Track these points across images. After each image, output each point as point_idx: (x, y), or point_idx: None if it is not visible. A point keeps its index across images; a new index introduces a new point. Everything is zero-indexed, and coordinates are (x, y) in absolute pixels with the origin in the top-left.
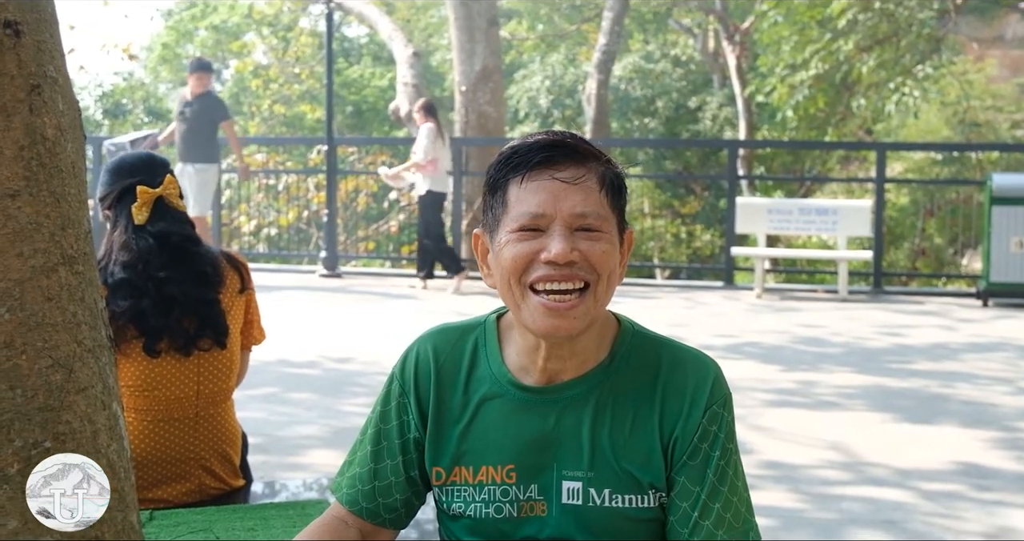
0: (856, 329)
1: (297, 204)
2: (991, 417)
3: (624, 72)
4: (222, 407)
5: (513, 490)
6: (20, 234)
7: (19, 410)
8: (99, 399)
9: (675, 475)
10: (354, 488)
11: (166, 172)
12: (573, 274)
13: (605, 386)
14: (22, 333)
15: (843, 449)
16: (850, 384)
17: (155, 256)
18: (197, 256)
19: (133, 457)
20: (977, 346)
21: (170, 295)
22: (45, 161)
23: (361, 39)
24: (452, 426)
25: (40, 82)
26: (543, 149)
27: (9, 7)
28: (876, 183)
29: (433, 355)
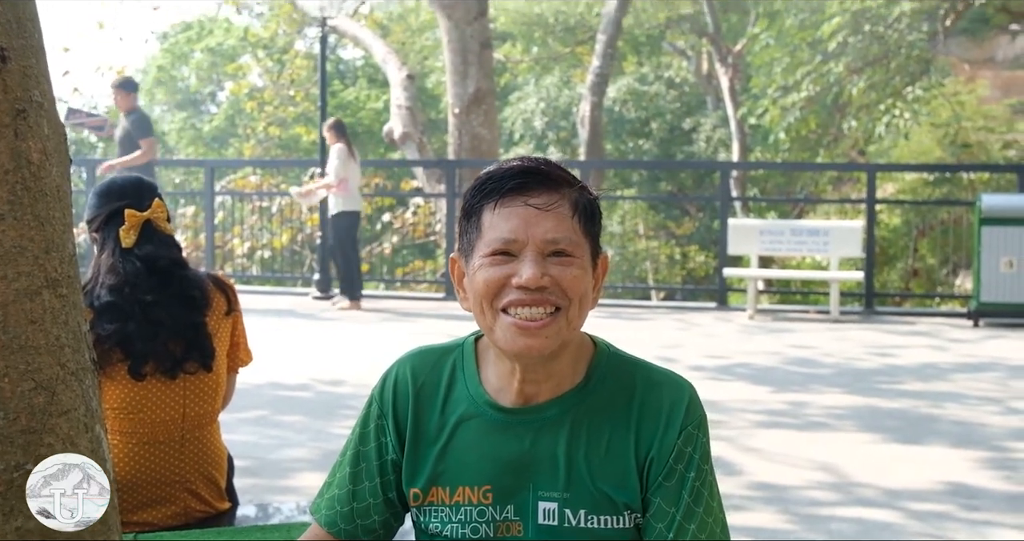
0: (847, 350)
1: (291, 226)
2: (980, 437)
3: (618, 94)
4: (208, 430)
5: (489, 511)
6: (4, 257)
7: (1, 433)
8: (82, 422)
9: (650, 496)
10: (333, 510)
11: (154, 196)
12: (544, 299)
13: (581, 407)
14: (5, 356)
15: (832, 470)
16: (840, 405)
17: (142, 280)
18: (184, 280)
19: (117, 480)
20: (967, 366)
21: (157, 318)
22: (30, 185)
23: (356, 62)
24: (429, 447)
25: (25, 107)
26: (516, 176)
27: None
28: (867, 204)
29: (412, 377)
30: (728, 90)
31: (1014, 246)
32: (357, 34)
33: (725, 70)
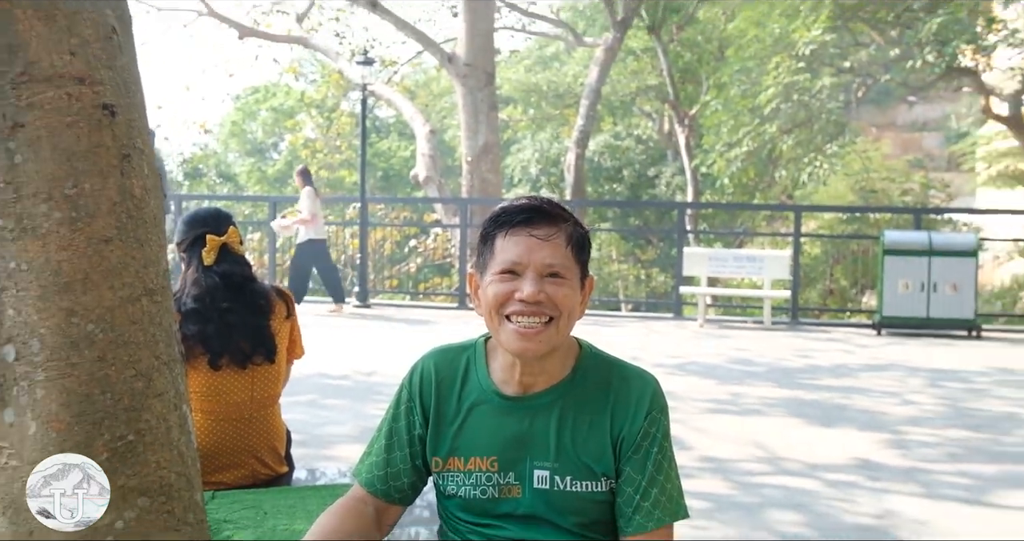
0: (777, 352)
1: (336, 249)
2: (881, 423)
3: (597, 147)
4: (270, 409)
5: (495, 477)
6: (111, 271)
7: (108, 410)
8: (172, 402)
9: (622, 466)
10: (371, 473)
11: (229, 223)
12: (540, 310)
13: (568, 396)
14: (111, 349)
15: (764, 447)
16: (771, 396)
17: (219, 291)
18: (253, 291)
19: (199, 449)
20: (871, 366)
21: (231, 322)
22: (132, 214)
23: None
24: (448, 425)
25: (130, 152)
26: (524, 211)
27: (107, 93)
28: (794, 237)
29: (435, 370)
30: (684, 145)
31: (910, 272)
32: (390, 97)
33: (682, 129)
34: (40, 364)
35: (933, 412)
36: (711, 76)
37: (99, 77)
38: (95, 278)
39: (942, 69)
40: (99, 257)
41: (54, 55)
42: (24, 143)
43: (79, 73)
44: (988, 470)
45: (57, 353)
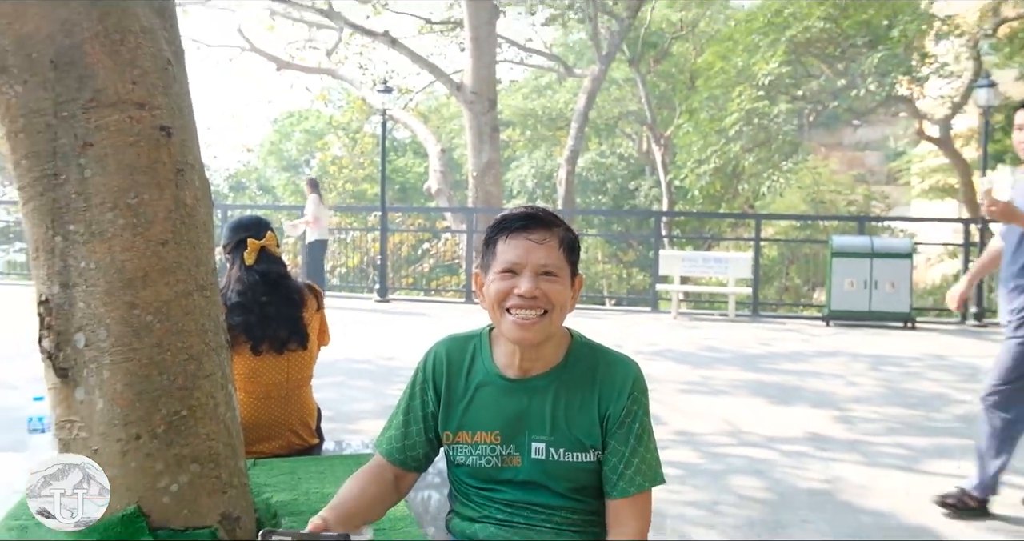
0: (740, 340)
1: (360, 251)
2: (830, 401)
3: (585, 164)
4: (304, 389)
5: (498, 448)
6: (167, 270)
7: (164, 389)
8: (219, 382)
9: (608, 439)
10: (390, 445)
11: (268, 229)
12: (536, 304)
13: (562, 379)
14: (167, 337)
15: (729, 422)
16: (735, 378)
17: (259, 287)
18: (288, 287)
19: (242, 423)
20: (821, 353)
21: (269, 314)
22: (185, 220)
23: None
24: (458, 403)
25: (183, 167)
26: (521, 218)
27: (163, 116)
28: (755, 242)
29: (446, 355)
30: (660, 162)
31: (854, 271)
32: (407, 120)
33: (658, 148)
34: (106, 349)
35: (874, 392)
36: (683, 102)
37: (157, 102)
38: (153, 276)
39: (882, 97)
40: (157, 258)
41: (118, 84)
42: (93, 160)
43: (140, 99)
44: (921, 442)
45: (121, 340)
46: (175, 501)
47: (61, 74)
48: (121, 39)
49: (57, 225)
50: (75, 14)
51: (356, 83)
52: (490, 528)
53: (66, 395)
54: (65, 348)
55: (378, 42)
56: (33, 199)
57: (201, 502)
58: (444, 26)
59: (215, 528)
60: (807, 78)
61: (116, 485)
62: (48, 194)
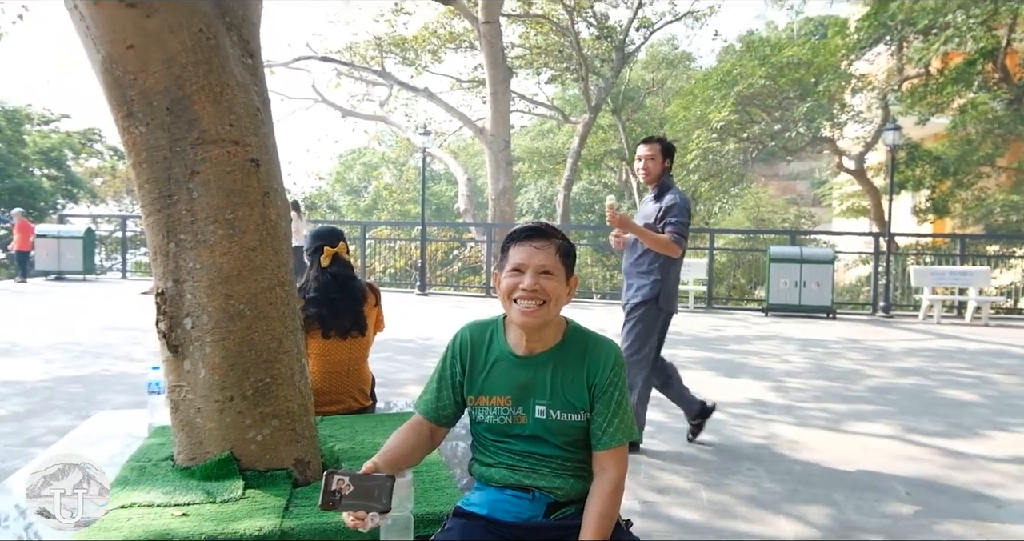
0: (697, 327)
1: (404, 256)
2: (769, 375)
3: (578, 190)
4: (362, 364)
5: (509, 409)
6: (256, 270)
7: (253, 362)
8: (295, 357)
9: (595, 403)
10: (427, 406)
11: (340, 238)
12: (536, 296)
13: (559, 356)
14: (255, 321)
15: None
16: (692, 357)
17: (331, 286)
18: (353, 286)
19: (313, 389)
20: (761, 337)
21: (338, 308)
22: (270, 231)
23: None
24: (479, 374)
25: (268, 191)
26: (527, 230)
27: (253, 151)
28: (709, 251)
29: (469, 337)
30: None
31: (787, 274)
32: (442, 156)
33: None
34: (208, 331)
35: (803, 368)
36: None
37: (248, 141)
38: (244, 274)
39: (809, 138)
40: (247, 260)
41: (219, 126)
42: (199, 185)
43: (235, 138)
44: (840, 408)
45: (219, 324)
46: (260, 449)
47: (175, 118)
48: (221, 91)
49: (171, 235)
50: (186, 71)
51: (403, 127)
52: (503, 471)
53: (176, 366)
54: (176, 329)
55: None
56: (152, 215)
57: (280, 450)
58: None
59: (290, 470)
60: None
61: (213, 436)
62: (164, 211)
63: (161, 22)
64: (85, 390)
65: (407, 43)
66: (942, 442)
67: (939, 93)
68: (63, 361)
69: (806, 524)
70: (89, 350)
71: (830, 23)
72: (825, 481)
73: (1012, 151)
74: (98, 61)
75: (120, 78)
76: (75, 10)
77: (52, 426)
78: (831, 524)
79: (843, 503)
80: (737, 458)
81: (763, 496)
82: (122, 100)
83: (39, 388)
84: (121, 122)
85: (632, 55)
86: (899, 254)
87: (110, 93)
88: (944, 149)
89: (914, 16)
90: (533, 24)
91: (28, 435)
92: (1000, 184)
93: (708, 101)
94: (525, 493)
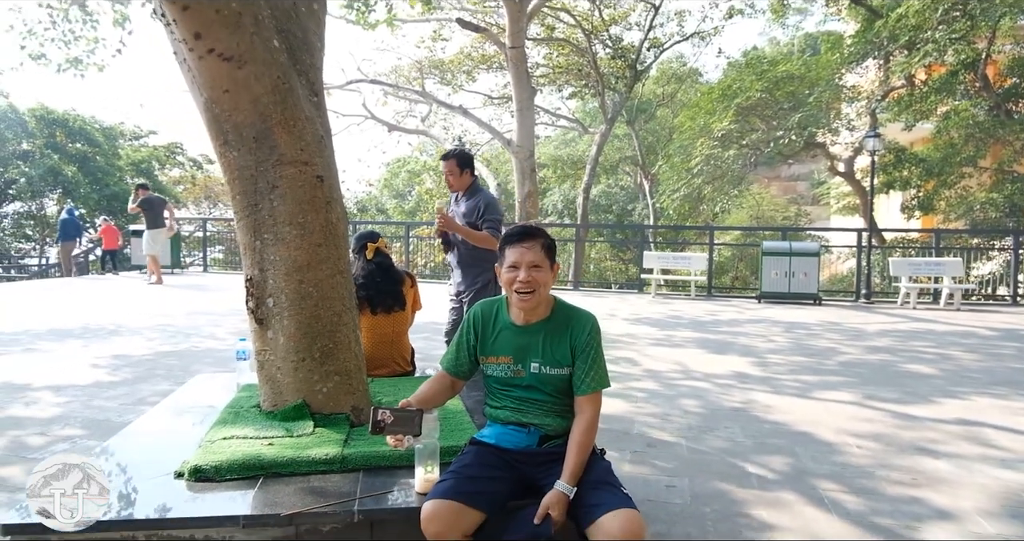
0: (697, 312)
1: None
2: (754, 352)
3: (597, 193)
4: (403, 337)
5: (511, 366)
6: (322, 261)
7: (320, 331)
8: (351, 328)
9: (575, 360)
10: (449, 364)
11: (379, 237)
12: (529, 286)
13: (548, 326)
14: (321, 301)
15: (682, 364)
16: (690, 337)
17: (376, 273)
18: (394, 273)
19: (365, 356)
20: (751, 320)
21: (382, 290)
22: (332, 232)
23: None
24: (488, 340)
25: (331, 200)
26: (518, 235)
27: (319, 169)
28: (709, 245)
29: (481, 312)
30: (648, 191)
31: (778, 265)
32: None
33: (647, 182)
34: (285, 308)
35: (784, 346)
36: (664, 150)
37: (315, 161)
38: (313, 265)
39: (801, 144)
40: (315, 254)
41: (292, 150)
42: (278, 196)
43: (305, 159)
44: (812, 379)
45: (294, 303)
46: (325, 397)
47: (259, 144)
48: (294, 124)
49: (257, 234)
50: (267, 109)
51: (441, 139)
52: (506, 412)
53: (261, 335)
54: (261, 307)
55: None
56: (243, 219)
57: (340, 399)
58: (500, 100)
59: (348, 414)
60: (749, 131)
61: (290, 388)
62: (252, 216)
63: (249, 72)
64: (180, 362)
65: (444, 65)
66: (896, 407)
67: (924, 101)
68: (161, 339)
69: (768, 470)
70: (181, 331)
71: (823, 39)
72: (789, 437)
73: (992, 153)
74: (201, 102)
75: (218, 115)
76: (184, 63)
77: (156, 390)
78: (788, 470)
79: (801, 454)
80: (717, 419)
81: (735, 448)
82: (219, 132)
83: (143, 360)
84: (219, 148)
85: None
86: (886, 247)
87: (210, 126)
88: (929, 152)
89: (897, 33)
90: (555, 46)
91: (138, 396)
92: (981, 183)
93: (711, 112)
94: (523, 428)
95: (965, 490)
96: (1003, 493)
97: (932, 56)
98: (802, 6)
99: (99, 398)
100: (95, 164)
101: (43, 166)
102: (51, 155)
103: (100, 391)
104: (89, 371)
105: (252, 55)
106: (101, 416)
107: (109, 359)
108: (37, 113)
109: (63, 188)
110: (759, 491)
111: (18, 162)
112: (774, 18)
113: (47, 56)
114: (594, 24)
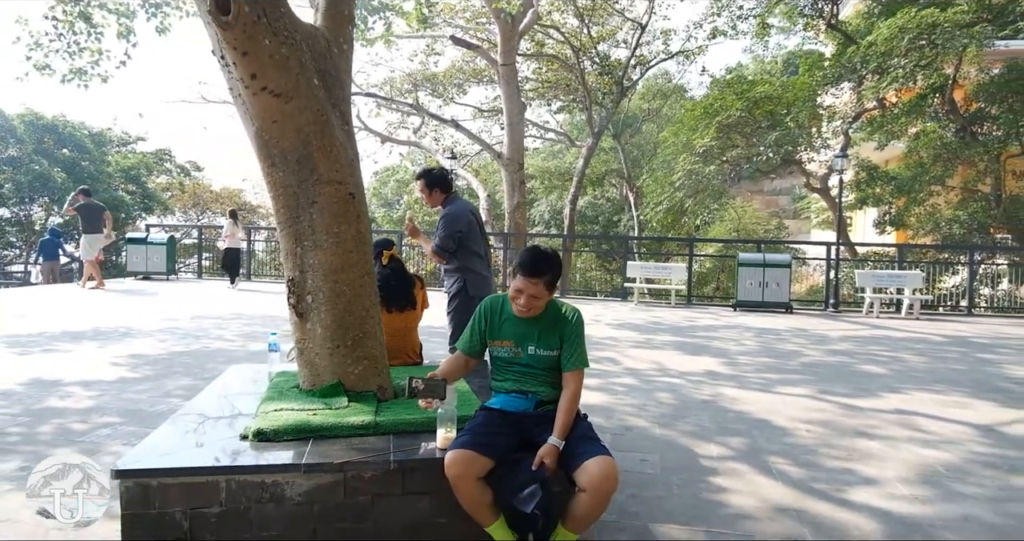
0: (676, 319)
1: None
2: (726, 354)
3: (583, 204)
4: (414, 331)
5: (513, 348)
6: (353, 265)
7: (351, 322)
8: (376, 321)
9: (563, 344)
10: (464, 345)
11: (393, 244)
12: (526, 308)
13: (543, 318)
14: (353, 298)
15: (659, 364)
16: (667, 340)
17: (391, 276)
18: (406, 276)
19: None
20: (726, 326)
21: (396, 290)
22: (361, 240)
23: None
24: (495, 327)
25: (360, 213)
26: (527, 265)
27: (351, 187)
28: (689, 256)
29: (490, 305)
30: (633, 203)
31: (753, 275)
32: (465, 175)
33: (632, 194)
34: (323, 303)
35: (753, 349)
36: (648, 164)
37: (347, 180)
38: (346, 267)
39: (777, 161)
40: (347, 259)
41: (329, 171)
42: (316, 210)
43: (339, 179)
44: (775, 377)
45: (330, 299)
46: (356, 378)
47: (301, 165)
48: (330, 149)
49: (298, 242)
50: (309, 137)
51: (432, 151)
52: (509, 383)
53: (302, 326)
54: (301, 303)
55: (446, 126)
56: (286, 229)
57: (368, 379)
58: (490, 113)
59: (375, 391)
60: (730, 148)
61: (326, 371)
62: (294, 226)
63: (294, 106)
64: (194, 360)
65: (436, 78)
66: (845, 400)
67: (895, 123)
68: (172, 341)
69: (727, 448)
70: (189, 333)
71: (802, 61)
72: (749, 423)
73: (959, 173)
74: (252, 130)
75: (267, 142)
76: (239, 98)
77: (179, 384)
78: (744, 448)
79: (757, 435)
80: (687, 409)
81: (700, 431)
82: (267, 155)
83: (160, 359)
84: (266, 169)
85: (630, 88)
86: (857, 260)
87: (259, 151)
88: (900, 170)
89: (868, 59)
90: (545, 61)
91: (163, 390)
92: (948, 201)
93: (694, 129)
94: (523, 395)
95: (891, 463)
96: (921, 465)
97: (900, 81)
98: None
99: (128, 391)
100: (84, 171)
101: (31, 172)
102: (40, 161)
103: (127, 386)
104: (111, 369)
105: (297, 92)
106: (133, 406)
107: (127, 358)
108: (26, 119)
109: (50, 196)
110: (718, 463)
111: (4, 168)
112: (757, 39)
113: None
114: (583, 41)
